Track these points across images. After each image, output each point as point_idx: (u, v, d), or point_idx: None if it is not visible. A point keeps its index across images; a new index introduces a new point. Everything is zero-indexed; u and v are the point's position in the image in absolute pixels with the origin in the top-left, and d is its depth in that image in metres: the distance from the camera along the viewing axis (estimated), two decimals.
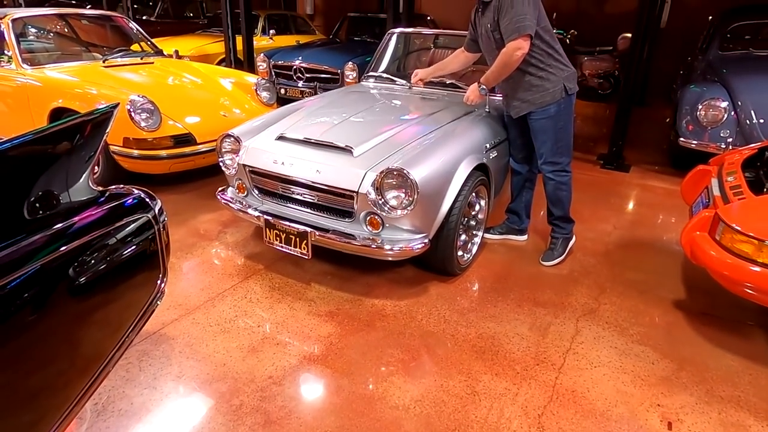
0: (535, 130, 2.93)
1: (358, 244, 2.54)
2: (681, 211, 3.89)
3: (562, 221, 3.15)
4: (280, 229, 2.68)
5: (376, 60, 4.13)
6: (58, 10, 5.22)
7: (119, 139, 3.66)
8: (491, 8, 2.71)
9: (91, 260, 1.52)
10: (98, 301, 1.60)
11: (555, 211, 3.10)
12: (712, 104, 4.57)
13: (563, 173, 2.98)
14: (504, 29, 2.65)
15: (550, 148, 2.92)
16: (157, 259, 1.80)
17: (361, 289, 2.77)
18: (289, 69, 6.68)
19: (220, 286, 2.76)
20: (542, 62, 2.77)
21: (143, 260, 1.74)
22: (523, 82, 2.83)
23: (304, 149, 2.73)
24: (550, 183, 3.01)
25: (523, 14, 2.58)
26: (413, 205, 2.43)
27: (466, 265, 2.98)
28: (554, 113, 2.84)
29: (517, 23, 2.59)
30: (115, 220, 1.61)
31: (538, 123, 2.89)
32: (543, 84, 2.80)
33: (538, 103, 2.83)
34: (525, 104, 2.88)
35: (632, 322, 2.56)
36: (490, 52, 2.87)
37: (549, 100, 2.81)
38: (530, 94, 2.83)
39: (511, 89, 2.92)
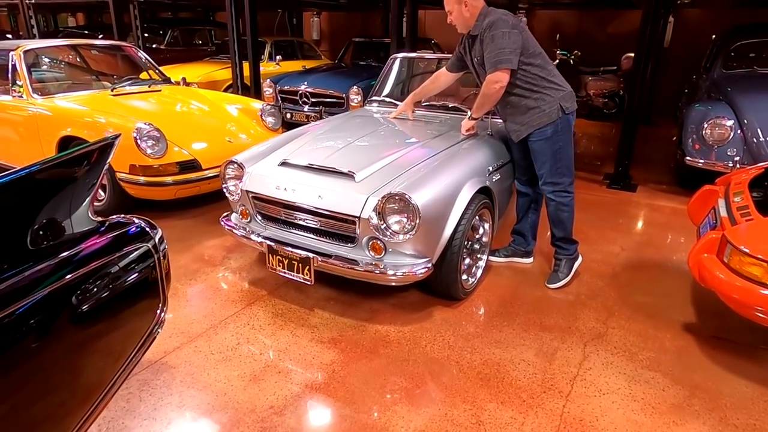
0: (535, 152, 2.95)
1: (360, 269, 2.52)
2: (689, 232, 3.84)
3: (564, 242, 3.12)
4: (283, 255, 2.67)
5: (380, 84, 4.18)
6: (69, 41, 5.35)
7: (125, 166, 3.70)
8: (478, 41, 2.82)
9: (91, 290, 1.52)
10: (98, 331, 1.59)
11: (557, 232, 3.09)
12: (717, 123, 4.55)
13: (564, 194, 2.97)
14: (486, 62, 2.76)
15: (549, 169, 2.93)
16: (157, 288, 1.80)
17: (365, 314, 2.74)
18: (294, 94, 6.77)
19: (223, 312, 2.75)
20: (535, 85, 2.81)
21: (143, 289, 1.74)
22: (519, 106, 2.87)
23: (306, 175, 2.74)
24: (551, 204, 3.01)
25: (502, 48, 2.68)
26: (415, 229, 2.41)
27: (471, 289, 2.94)
28: (551, 134, 2.86)
29: (497, 56, 2.69)
30: (115, 250, 1.61)
31: (537, 144, 2.91)
32: (539, 106, 2.83)
33: (535, 125, 2.86)
34: (523, 127, 2.91)
35: (641, 346, 2.51)
36: (480, 80, 2.94)
37: (546, 121, 2.83)
38: (527, 116, 2.87)
39: (509, 114, 2.97)
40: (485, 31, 2.74)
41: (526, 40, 2.76)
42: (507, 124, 3.02)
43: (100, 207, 3.99)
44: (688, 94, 6.62)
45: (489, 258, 3.22)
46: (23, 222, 1.40)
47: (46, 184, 1.48)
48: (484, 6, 2.81)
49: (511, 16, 2.77)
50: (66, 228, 1.54)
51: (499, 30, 2.68)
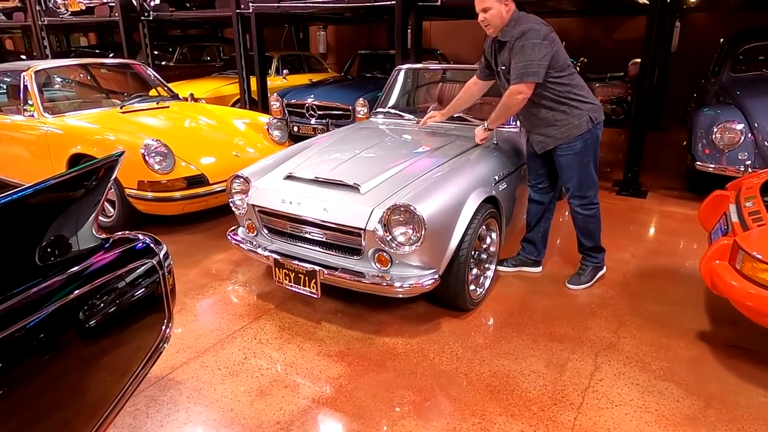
0: (561, 166, 2.91)
1: (367, 282, 2.51)
2: (701, 238, 3.78)
3: (593, 251, 3.14)
4: (289, 269, 2.67)
5: (385, 96, 4.19)
6: (79, 61, 5.45)
7: (134, 182, 3.74)
8: (506, 48, 2.74)
9: (96, 306, 1.52)
10: (103, 347, 1.60)
11: (586, 242, 3.10)
12: (727, 127, 4.50)
13: (591, 206, 2.98)
14: (512, 71, 2.70)
15: (577, 183, 2.91)
16: (162, 304, 1.80)
17: (372, 327, 2.72)
18: (301, 107, 6.81)
19: (231, 327, 2.74)
20: (564, 97, 2.77)
21: (148, 306, 1.74)
22: (546, 118, 2.83)
23: (311, 188, 2.74)
24: (579, 217, 3.02)
25: (531, 60, 2.61)
26: (421, 241, 2.40)
27: (479, 300, 2.92)
28: (580, 149, 2.83)
29: (524, 68, 2.63)
30: (120, 266, 1.62)
31: (564, 159, 2.88)
32: (567, 119, 2.79)
33: (564, 138, 2.82)
34: (550, 139, 2.87)
35: (654, 356, 2.46)
36: (504, 88, 2.88)
37: (576, 134, 2.80)
38: (554, 129, 2.83)
39: (534, 125, 2.92)
40: (516, 40, 2.65)
41: (556, 53, 2.69)
42: (532, 136, 2.96)
43: (109, 223, 4.02)
44: (697, 98, 6.56)
45: (498, 268, 3.21)
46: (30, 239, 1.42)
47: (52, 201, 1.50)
48: (516, 10, 2.74)
49: (543, 25, 2.69)
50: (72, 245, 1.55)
51: (530, 41, 2.61)
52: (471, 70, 4.40)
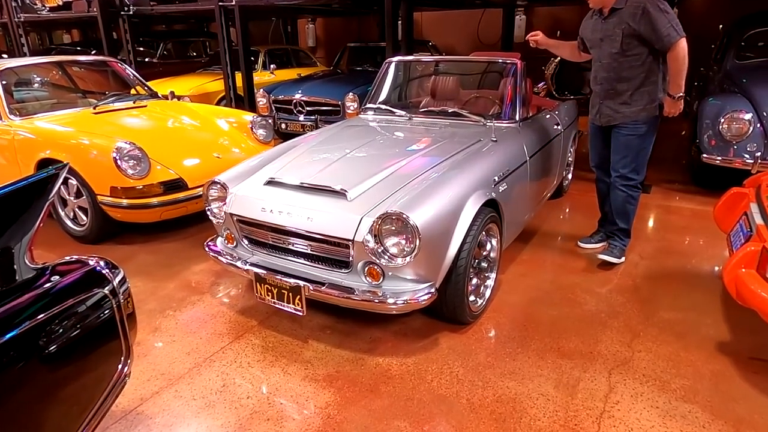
0: (620, 144, 2.99)
1: (357, 298, 2.27)
2: (711, 235, 3.58)
3: (623, 234, 3.21)
4: (272, 284, 2.43)
5: (375, 91, 3.93)
6: (49, 59, 5.15)
7: (106, 189, 3.47)
8: (620, 15, 2.79)
9: (35, 347, 1.28)
10: (49, 391, 1.36)
11: (620, 222, 3.16)
12: (735, 117, 4.28)
13: (635, 189, 3.07)
14: (659, 36, 2.71)
15: (629, 164, 2.99)
16: (116, 340, 1.56)
17: (364, 345, 2.49)
18: (289, 103, 6.55)
19: (209, 348, 2.50)
20: (653, 75, 2.85)
21: (98, 342, 1.50)
22: (627, 91, 2.88)
23: (294, 194, 2.50)
24: (621, 195, 3.07)
25: (671, 19, 2.70)
26: (416, 252, 2.17)
27: (480, 312, 2.69)
28: (644, 132, 2.93)
29: (673, 26, 2.69)
30: (59, 301, 1.37)
31: (626, 138, 2.96)
32: (643, 98, 2.87)
33: (632, 117, 2.90)
34: (619, 115, 2.95)
35: (673, 373, 2.24)
36: (606, 56, 2.92)
37: (644, 117, 2.89)
38: (627, 106, 2.91)
39: (611, 95, 2.96)
40: (635, 7, 2.72)
41: None
42: (603, 106, 3.00)
43: (82, 232, 3.77)
44: (699, 87, 6.35)
45: (580, 245, 3.47)
46: None
47: None
48: None
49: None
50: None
51: (655, 5, 2.70)
52: (465, 62, 4.19)
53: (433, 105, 3.71)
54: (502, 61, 3.66)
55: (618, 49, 2.85)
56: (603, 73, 2.98)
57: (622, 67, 2.89)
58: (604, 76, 2.98)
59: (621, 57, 2.86)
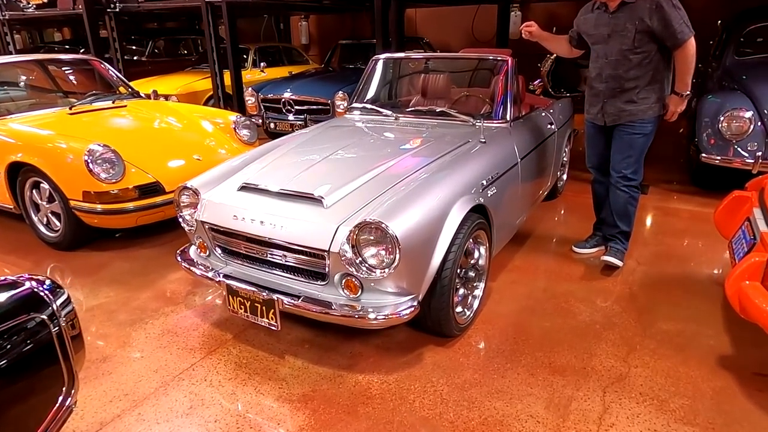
0: (624, 143, 2.90)
1: (335, 313, 2.12)
2: (711, 238, 3.45)
3: (624, 236, 3.14)
4: (244, 297, 2.28)
5: (361, 89, 3.78)
6: (28, 57, 4.97)
7: (78, 194, 3.31)
8: (632, 9, 2.70)
9: None
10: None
11: (622, 225, 3.09)
12: (735, 115, 4.14)
13: (636, 189, 3.02)
14: (670, 33, 2.64)
15: (632, 164, 2.93)
16: (56, 369, 1.41)
17: (344, 360, 2.34)
18: (278, 102, 6.39)
19: (178, 365, 2.35)
20: (660, 73, 2.79)
21: (32, 374, 1.35)
22: (636, 88, 2.80)
23: (268, 201, 2.34)
24: (623, 196, 3.00)
25: (682, 15, 2.63)
26: (396, 263, 2.02)
27: (467, 323, 2.54)
28: (649, 131, 2.87)
29: (684, 23, 2.63)
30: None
31: (631, 138, 2.88)
32: (651, 96, 2.81)
33: (638, 116, 2.83)
34: (624, 113, 2.86)
35: (672, 391, 2.10)
36: (615, 52, 2.80)
37: (651, 115, 2.83)
38: (634, 105, 2.82)
39: (618, 93, 2.85)
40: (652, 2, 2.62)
41: None
42: (608, 105, 2.90)
43: (56, 238, 3.61)
44: (697, 84, 6.19)
45: (574, 250, 3.35)
46: None
47: None
48: None
49: None
50: None
51: (668, 1, 2.62)
52: (455, 59, 4.03)
53: (421, 104, 3.56)
54: (492, 58, 3.51)
55: (630, 46, 2.74)
56: (610, 71, 2.85)
57: (631, 64, 2.77)
58: (611, 73, 2.85)
59: (631, 54, 2.75)
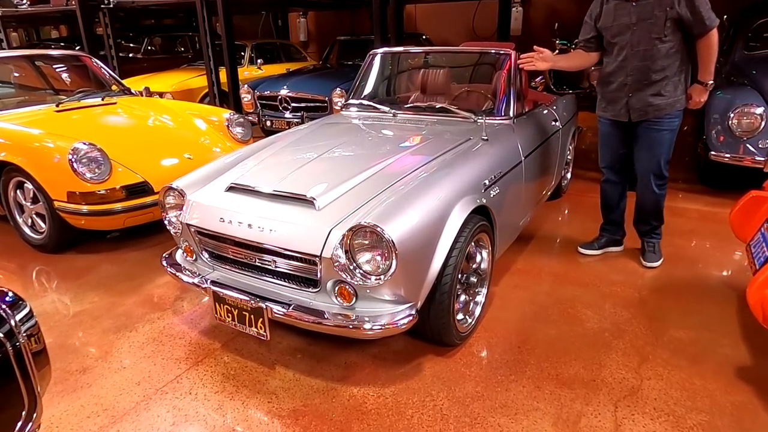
0: (653, 141, 2.79)
1: (328, 323, 1.98)
2: (721, 239, 3.32)
3: (659, 228, 3.08)
4: (231, 304, 2.14)
5: (358, 85, 3.63)
6: (13, 53, 4.84)
7: (63, 194, 3.18)
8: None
9: None
10: None
11: (654, 221, 3.04)
12: (745, 111, 4.00)
13: (665, 186, 2.93)
14: (705, 17, 2.55)
15: (663, 162, 2.83)
16: (15, 392, 1.27)
17: (338, 372, 2.21)
18: (274, 99, 6.24)
19: (162, 376, 2.22)
20: (684, 63, 2.70)
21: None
22: (662, 81, 2.67)
23: (257, 202, 2.20)
24: (653, 196, 2.92)
25: (707, 4, 2.55)
26: (393, 270, 1.88)
27: (469, 331, 2.40)
28: (677, 126, 2.77)
29: (709, 11, 2.55)
30: None
31: (660, 134, 2.77)
32: (678, 88, 2.70)
33: (666, 110, 2.72)
34: (651, 108, 2.73)
35: (688, 406, 1.96)
36: (644, 42, 2.65)
37: (678, 108, 2.73)
38: (661, 98, 2.70)
39: (645, 85, 2.71)
40: None
41: None
42: (633, 99, 2.76)
43: (41, 240, 3.47)
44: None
45: (580, 251, 3.24)
46: None
47: None
48: None
49: None
50: None
51: None
52: (456, 53, 3.88)
53: (420, 100, 3.41)
54: (494, 52, 3.37)
55: (659, 34, 2.62)
56: (636, 62, 2.70)
57: (659, 54, 2.64)
58: (637, 65, 2.70)
59: (660, 43, 2.62)
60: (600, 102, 2.98)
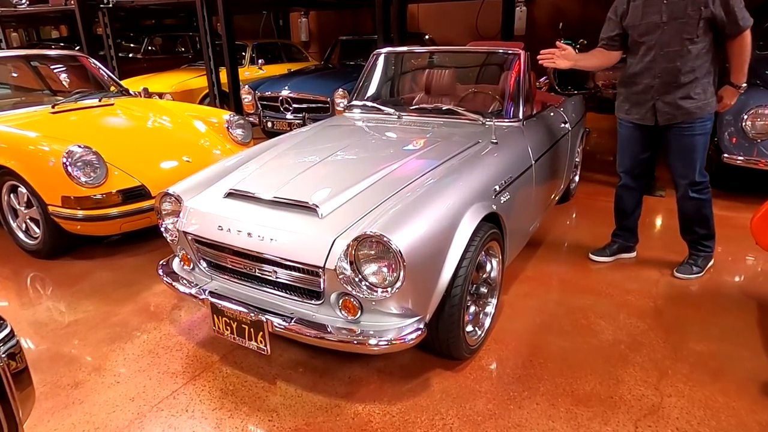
0: (686, 147, 2.67)
1: (332, 338, 1.88)
2: (736, 244, 3.22)
3: (706, 239, 2.93)
4: (230, 317, 2.04)
5: (361, 86, 3.52)
6: (8, 53, 4.74)
7: (57, 198, 3.08)
8: None
9: None
10: None
11: (700, 230, 2.90)
12: (759, 113, 3.90)
13: (707, 190, 2.80)
14: (739, 17, 2.45)
15: (697, 167, 2.70)
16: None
17: (341, 387, 2.10)
18: (275, 100, 6.15)
19: (158, 392, 2.11)
20: (714, 65, 2.59)
21: None
22: (691, 82, 2.56)
23: (257, 209, 2.10)
24: (693, 202, 2.80)
25: (741, 2, 2.46)
26: (400, 282, 1.78)
27: (478, 344, 2.30)
28: (709, 129, 2.67)
29: (743, 10, 2.46)
30: None
31: (693, 138, 2.65)
32: (708, 90, 2.60)
33: (697, 114, 2.60)
34: (680, 111, 2.61)
35: (713, 426, 1.86)
36: (674, 42, 2.54)
37: (709, 111, 2.62)
38: (691, 101, 2.58)
39: (674, 88, 2.59)
40: None
41: None
42: (660, 102, 2.64)
43: (35, 246, 3.37)
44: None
45: (591, 257, 3.15)
46: None
47: None
48: None
49: None
50: None
51: None
52: (461, 52, 3.77)
53: (426, 102, 3.31)
54: (503, 52, 3.26)
55: (691, 35, 2.51)
56: (664, 63, 2.58)
57: (690, 55, 2.52)
58: (665, 67, 2.58)
59: (691, 44, 2.51)
60: (622, 104, 2.85)
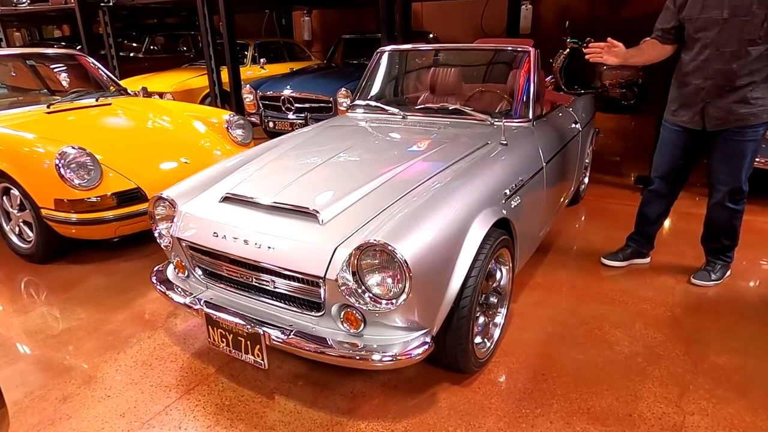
0: (734, 151, 2.52)
1: (333, 353, 1.77)
2: (756, 250, 3.10)
3: (729, 250, 2.84)
4: (226, 329, 1.93)
5: (364, 85, 3.41)
6: (9, 51, 4.64)
7: (50, 201, 2.98)
8: None
9: None
10: None
11: (725, 240, 2.79)
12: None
13: (743, 201, 2.67)
14: None
15: (743, 175, 2.57)
16: None
17: (343, 403, 1.99)
18: (277, 100, 6.04)
19: (150, 407, 2.01)
20: None
21: None
22: (747, 85, 2.39)
23: (254, 215, 1.99)
24: (726, 212, 2.67)
25: None
26: (406, 293, 1.66)
27: (487, 356, 2.18)
28: (761, 135, 2.51)
29: None
30: None
31: (743, 144, 2.50)
32: (765, 95, 2.42)
33: (752, 121, 2.44)
34: (733, 117, 2.45)
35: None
36: (733, 41, 2.35)
37: (765, 118, 2.45)
38: (747, 106, 2.42)
39: (727, 92, 2.43)
40: None
41: None
42: (710, 106, 2.48)
43: (28, 250, 3.27)
44: None
45: (604, 262, 3.06)
46: None
47: None
48: None
49: None
50: None
51: None
52: (467, 50, 3.66)
53: (431, 101, 3.19)
54: (512, 50, 3.14)
55: (754, 34, 2.32)
56: (720, 64, 2.40)
57: (750, 57, 2.34)
58: (721, 68, 2.41)
59: (752, 45, 2.32)
60: (671, 104, 2.69)
